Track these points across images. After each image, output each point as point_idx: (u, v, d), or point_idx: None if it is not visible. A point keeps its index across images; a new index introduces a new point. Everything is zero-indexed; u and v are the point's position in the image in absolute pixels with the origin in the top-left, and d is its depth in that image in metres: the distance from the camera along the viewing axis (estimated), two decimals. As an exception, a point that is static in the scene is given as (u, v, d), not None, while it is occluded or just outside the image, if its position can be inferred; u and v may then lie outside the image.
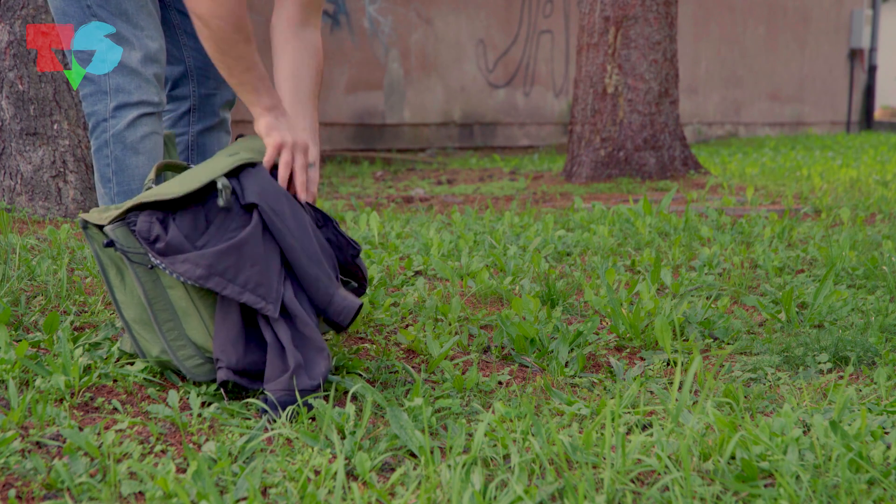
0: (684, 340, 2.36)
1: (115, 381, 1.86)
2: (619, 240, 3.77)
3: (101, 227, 1.81)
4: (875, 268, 3.04)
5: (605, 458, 1.53)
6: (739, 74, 12.14)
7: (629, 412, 1.79)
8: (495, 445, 1.59)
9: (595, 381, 2.07)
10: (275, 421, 1.68)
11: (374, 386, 1.92)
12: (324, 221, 1.97)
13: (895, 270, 2.99)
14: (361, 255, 3.24)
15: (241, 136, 2.08)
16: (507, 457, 1.57)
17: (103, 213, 1.82)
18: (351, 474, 1.51)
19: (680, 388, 1.93)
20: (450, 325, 2.38)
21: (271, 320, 1.79)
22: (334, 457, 1.55)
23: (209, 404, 1.77)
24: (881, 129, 14.49)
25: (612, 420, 1.65)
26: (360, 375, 1.98)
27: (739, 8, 12.00)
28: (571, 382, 2.05)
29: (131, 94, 2.03)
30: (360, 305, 1.88)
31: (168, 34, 2.27)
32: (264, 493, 1.43)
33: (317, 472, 1.50)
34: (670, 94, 6.25)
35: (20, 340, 2.05)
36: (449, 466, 1.48)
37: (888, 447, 1.59)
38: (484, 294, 2.79)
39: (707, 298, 2.81)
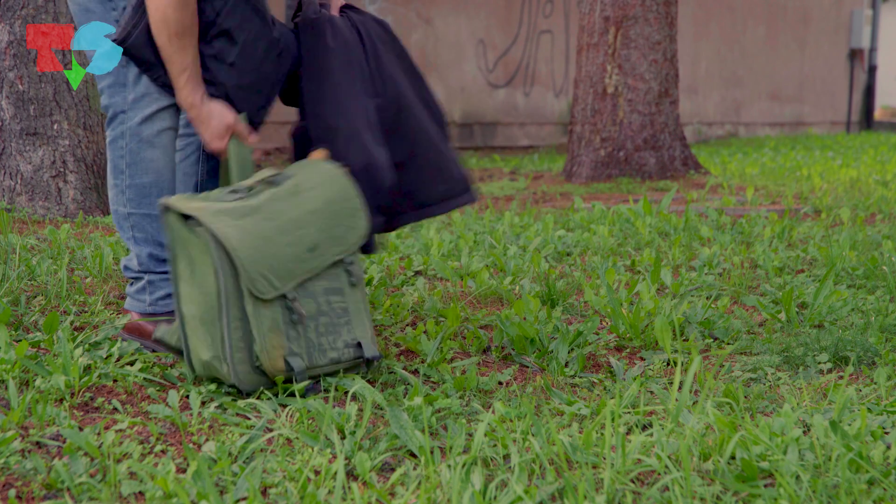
0: (684, 340, 2.36)
1: (115, 381, 1.86)
2: (619, 240, 3.77)
3: (185, 217, 1.84)
4: (875, 268, 3.04)
5: (605, 458, 1.53)
6: (739, 74, 12.14)
7: (629, 412, 1.79)
8: (495, 445, 1.59)
9: (595, 381, 2.07)
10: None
11: (374, 386, 1.92)
12: None
13: (895, 270, 2.99)
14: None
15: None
16: (507, 457, 1.57)
17: (190, 203, 1.85)
18: (351, 474, 1.51)
19: (680, 388, 1.93)
20: (450, 326, 2.38)
21: None
22: (334, 457, 1.55)
23: (209, 404, 1.77)
24: (881, 129, 14.48)
25: (612, 420, 1.65)
26: (361, 376, 1.98)
27: (739, 8, 11.99)
28: (571, 382, 2.05)
29: (150, 87, 2.03)
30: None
31: None
32: (264, 493, 1.43)
33: (317, 472, 1.50)
34: (670, 94, 6.25)
35: (20, 340, 2.05)
36: (449, 466, 1.48)
37: (888, 447, 1.59)
38: (484, 294, 2.79)
39: (707, 298, 2.81)
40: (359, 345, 1.94)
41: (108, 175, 2.10)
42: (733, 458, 1.56)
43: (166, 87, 2.01)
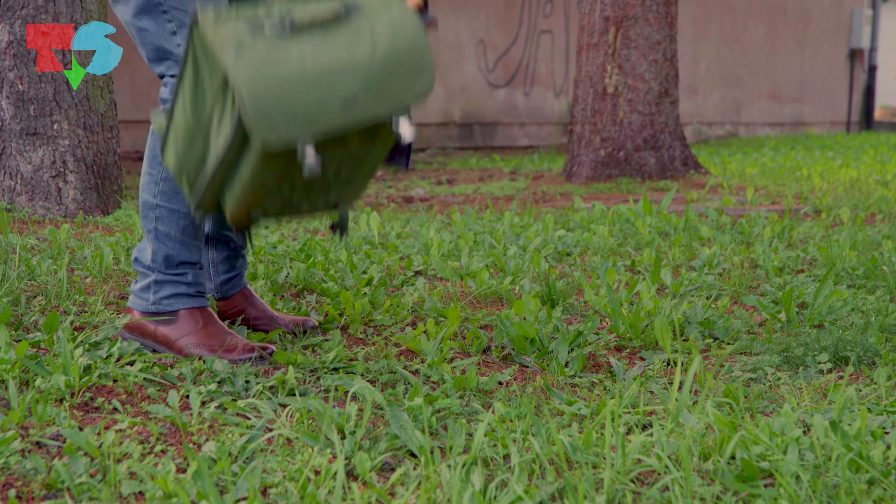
0: (684, 340, 2.36)
1: (115, 381, 1.86)
2: (619, 240, 3.77)
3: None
4: (875, 268, 3.04)
5: (605, 458, 1.53)
6: (739, 74, 12.14)
7: (629, 412, 1.79)
8: (495, 445, 1.59)
9: (595, 381, 2.07)
10: None
11: (374, 386, 1.92)
12: None
13: (895, 270, 2.99)
14: (363, 255, 3.24)
15: None
16: (507, 457, 1.57)
17: (221, 29, 1.73)
18: (351, 474, 1.51)
19: (680, 388, 1.93)
20: (450, 326, 2.38)
21: None
22: (334, 457, 1.55)
23: (209, 404, 1.77)
24: (881, 129, 14.48)
25: (612, 420, 1.65)
26: (361, 376, 1.98)
27: (739, 8, 11.99)
28: (571, 382, 2.05)
29: None
30: None
31: None
32: (264, 493, 1.43)
33: (317, 472, 1.50)
34: (670, 94, 6.25)
35: (20, 340, 2.05)
36: (449, 466, 1.48)
37: (888, 447, 1.59)
38: (484, 294, 2.79)
39: (707, 298, 2.81)
40: (335, 206, 1.95)
41: (143, 162, 2.09)
42: (733, 458, 1.56)
43: None
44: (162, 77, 2.04)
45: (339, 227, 1.95)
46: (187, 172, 1.87)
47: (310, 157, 1.70)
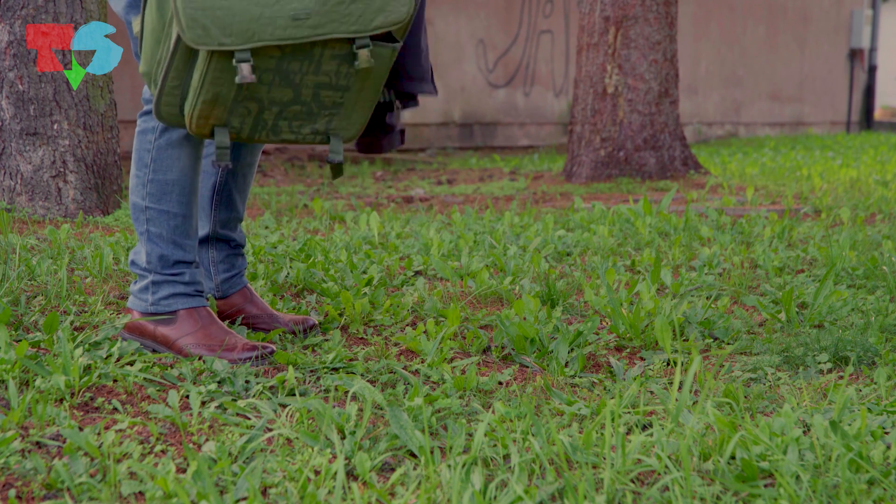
0: (684, 340, 2.36)
1: (115, 381, 1.86)
2: (619, 240, 3.77)
3: None
4: (875, 268, 3.04)
5: (605, 458, 1.53)
6: (739, 74, 12.14)
7: (629, 412, 1.79)
8: (495, 445, 1.59)
9: (595, 381, 2.07)
10: None
11: (374, 386, 1.92)
12: None
13: (895, 270, 2.99)
14: (363, 255, 3.24)
15: None
16: (507, 457, 1.57)
17: None
18: (351, 474, 1.51)
19: (680, 388, 1.93)
20: (450, 326, 2.38)
21: None
22: (334, 457, 1.55)
23: (209, 404, 1.77)
24: (881, 129, 14.48)
25: (612, 420, 1.65)
26: (361, 376, 1.98)
27: (739, 8, 11.99)
28: (571, 382, 2.05)
29: None
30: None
31: None
32: (264, 493, 1.43)
33: (317, 472, 1.50)
34: (670, 94, 6.25)
35: (20, 340, 2.05)
36: (449, 466, 1.48)
37: (888, 447, 1.59)
38: (484, 294, 2.79)
39: (707, 298, 2.81)
40: (329, 138, 1.89)
41: (132, 165, 2.09)
42: (733, 458, 1.56)
43: None
44: None
45: (332, 164, 1.89)
46: (154, 76, 1.86)
47: (244, 67, 1.71)
